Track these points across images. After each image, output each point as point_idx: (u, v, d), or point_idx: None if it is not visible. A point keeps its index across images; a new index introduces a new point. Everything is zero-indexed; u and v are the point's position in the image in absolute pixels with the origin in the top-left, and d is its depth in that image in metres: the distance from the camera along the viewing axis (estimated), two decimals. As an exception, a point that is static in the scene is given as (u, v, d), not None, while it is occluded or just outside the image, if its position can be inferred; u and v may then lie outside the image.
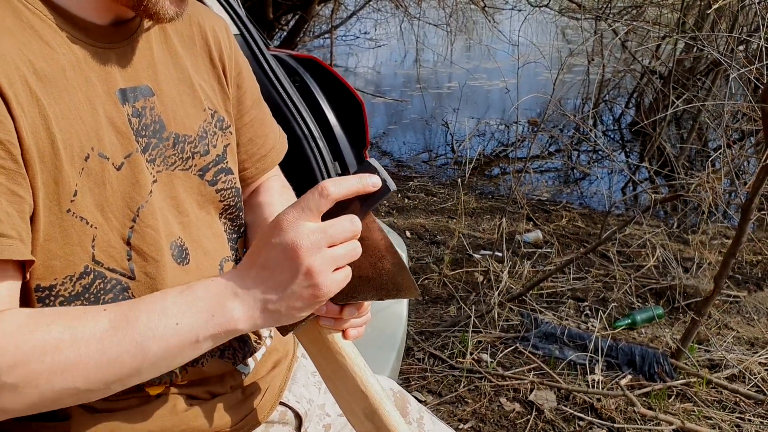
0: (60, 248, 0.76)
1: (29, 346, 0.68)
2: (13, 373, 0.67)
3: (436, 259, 3.53)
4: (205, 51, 0.97)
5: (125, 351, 0.71)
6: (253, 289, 0.74)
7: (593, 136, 4.64)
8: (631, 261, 3.53)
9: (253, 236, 1.04)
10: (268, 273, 0.74)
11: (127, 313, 0.73)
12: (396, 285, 0.81)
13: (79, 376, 0.70)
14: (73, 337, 0.69)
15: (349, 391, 0.87)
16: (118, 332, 0.71)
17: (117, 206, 0.80)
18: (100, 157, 0.78)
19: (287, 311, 0.75)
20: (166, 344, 0.73)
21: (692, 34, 4.15)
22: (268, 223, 0.75)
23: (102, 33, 0.82)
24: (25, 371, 0.67)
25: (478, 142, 6.04)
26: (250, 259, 0.76)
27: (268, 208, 1.05)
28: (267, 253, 0.74)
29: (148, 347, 0.72)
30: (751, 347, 2.77)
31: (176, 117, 0.89)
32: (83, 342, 0.70)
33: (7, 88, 0.70)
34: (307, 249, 0.72)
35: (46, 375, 0.68)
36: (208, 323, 0.74)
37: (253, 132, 1.06)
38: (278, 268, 0.73)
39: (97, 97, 0.80)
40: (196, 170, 0.92)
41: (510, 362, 2.63)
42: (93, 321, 0.71)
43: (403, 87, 8.31)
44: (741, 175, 4.39)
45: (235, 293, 0.75)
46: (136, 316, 0.72)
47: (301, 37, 7.19)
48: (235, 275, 0.76)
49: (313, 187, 0.73)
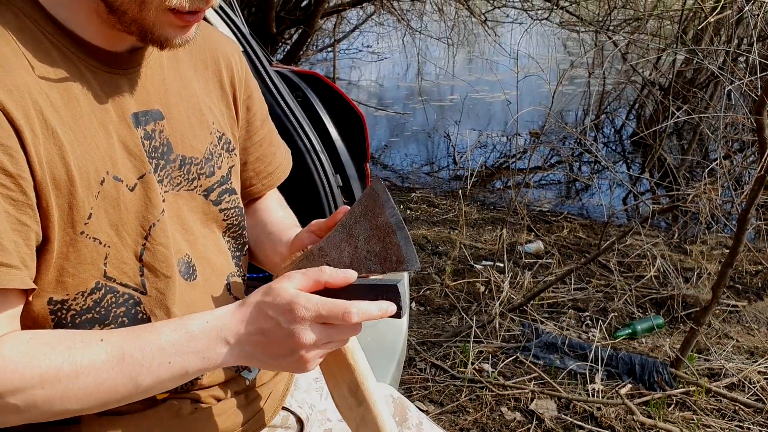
0: (72, 267, 0.81)
1: (30, 373, 0.73)
2: (15, 396, 0.73)
3: (437, 269, 3.56)
4: (216, 76, 1.01)
5: (120, 383, 0.76)
6: (246, 346, 0.79)
7: (593, 149, 4.67)
8: (632, 271, 3.55)
9: (256, 236, 1.09)
10: (265, 341, 0.78)
11: (123, 347, 0.77)
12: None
13: (76, 402, 0.76)
14: (72, 368, 0.75)
15: (337, 364, 0.91)
16: (114, 366, 0.76)
17: (131, 225, 0.84)
18: (115, 180, 0.82)
19: (267, 368, 0.87)
20: (157, 378, 0.78)
21: (690, 48, 4.19)
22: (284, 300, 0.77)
23: (116, 60, 0.85)
24: (25, 396, 0.73)
25: (479, 154, 6.07)
26: (254, 316, 0.79)
27: (270, 213, 1.11)
28: (271, 326, 0.77)
29: (142, 380, 0.77)
30: (751, 356, 2.79)
31: (184, 139, 0.93)
32: (81, 373, 0.75)
33: (22, 124, 0.74)
34: (307, 345, 0.77)
35: (46, 400, 0.74)
36: (198, 362, 0.79)
37: (261, 151, 1.10)
38: (276, 344, 0.78)
39: (111, 122, 0.83)
40: (201, 190, 0.96)
41: (511, 372, 2.65)
42: (91, 352, 0.76)
43: (406, 100, 8.36)
44: (743, 185, 4.41)
45: (227, 341, 0.79)
46: (131, 352, 0.77)
47: (304, 51, 7.26)
48: (232, 323, 0.79)
49: (341, 305, 0.77)
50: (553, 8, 5.94)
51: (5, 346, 0.74)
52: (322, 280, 0.79)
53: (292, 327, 0.76)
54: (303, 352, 0.77)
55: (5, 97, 0.73)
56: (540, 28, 6.54)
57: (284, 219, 1.10)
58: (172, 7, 0.77)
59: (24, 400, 0.73)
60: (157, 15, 0.78)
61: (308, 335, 0.76)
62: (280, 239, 1.03)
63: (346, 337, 0.80)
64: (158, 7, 0.77)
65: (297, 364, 0.79)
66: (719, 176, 3.26)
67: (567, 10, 6.13)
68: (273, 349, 0.78)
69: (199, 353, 0.78)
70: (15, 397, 0.73)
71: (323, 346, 0.79)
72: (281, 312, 0.77)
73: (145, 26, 0.79)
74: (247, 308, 0.80)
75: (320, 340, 0.77)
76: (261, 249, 1.08)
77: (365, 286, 0.81)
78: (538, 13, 6.12)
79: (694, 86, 5.25)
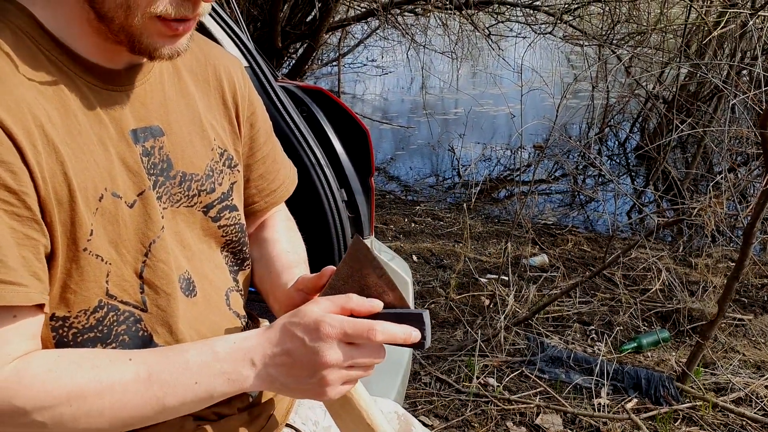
0: (75, 284, 0.80)
1: (58, 391, 0.74)
2: (42, 413, 0.73)
3: (442, 283, 3.56)
4: (218, 92, 1.01)
5: (146, 402, 0.77)
6: (270, 367, 0.80)
7: (598, 162, 4.68)
8: (637, 284, 3.54)
9: (260, 270, 1.07)
10: (289, 361, 0.79)
11: (150, 366, 0.78)
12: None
13: (102, 421, 0.76)
14: (98, 386, 0.75)
15: (354, 422, 0.91)
16: (141, 385, 0.77)
17: (130, 242, 0.84)
18: (114, 197, 0.82)
19: (288, 393, 0.83)
20: (183, 399, 0.79)
21: (694, 61, 4.20)
22: (310, 319, 0.79)
23: (115, 77, 0.85)
24: (53, 413, 0.74)
25: (484, 167, 6.08)
26: (279, 338, 0.80)
27: (275, 246, 1.09)
28: (296, 346, 0.79)
29: (168, 402, 0.78)
30: (758, 370, 2.77)
31: (184, 156, 0.93)
32: (107, 391, 0.76)
33: (23, 140, 0.74)
34: (330, 364, 0.78)
35: (72, 418, 0.75)
36: (223, 385, 0.80)
37: (265, 168, 1.10)
38: (299, 364, 0.79)
39: (109, 138, 0.83)
40: (201, 207, 0.95)
41: (516, 386, 2.64)
42: (118, 371, 0.77)
43: (410, 113, 8.39)
44: (748, 198, 4.41)
45: (253, 363, 0.80)
46: (158, 371, 0.78)
47: (309, 65, 7.29)
48: (258, 345, 0.81)
49: (366, 322, 0.79)
50: (557, 22, 5.96)
51: (32, 363, 0.74)
52: (348, 307, 0.81)
53: (317, 345, 0.78)
54: (325, 372, 0.78)
55: (5, 114, 0.73)
56: (543, 42, 6.58)
57: (286, 254, 1.08)
58: (158, 14, 0.77)
59: (50, 417, 0.74)
60: (144, 22, 0.78)
61: (332, 353, 0.78)
62: (278, 284, 1.02)
63: (370, 362, 0.81)
64: (144, 13, 0.77)
65: (318, 387, 0.79)
66: (724, 189, 3.26)
67: (570, 25, 6.16)
68: (296, 370, 0.79)
69: (225, 374, 0.79)
70: (41, 414, 0.73)
71: (347, 369, 0.79)
72: (307, 331, 0.78)
73: (133, 34, 0.79)
74: (274, 330, 0.81)
75: (344, 361, 0.78)
76: (263, 287, 1.07)
77: (391, 314, 0.83)
78: (542, 27, 6.15)
79: (697, 100, 5.26)
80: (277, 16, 6.05)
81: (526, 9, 6.10)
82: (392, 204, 5.09)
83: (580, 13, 6.02)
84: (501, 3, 6.15)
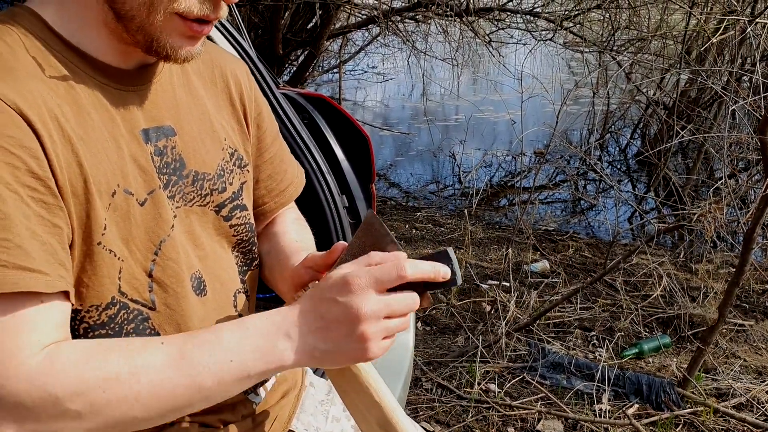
0: (89, 278, 0.80)
1: (90, 375, 0.72)
2: (76, 401, 0.71)
3: (443, 289, 3.55)
4: (226, 93, 1.02)
5: (180, 383, 0.74)
6: (307, 336, 0.78)
7: (598, 168, 4.69)
8: (638, 290, 3.54)
9: (270, 261, 1.07)
10: (324, 324, 0.77)
11: (182, 347, 0.76)
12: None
13: (138, 407, 0.73)
14: (132, 370, 0.73)
15: (364, 403, 0.90)
16: (173, 364, 0.74)
17: (140, 240, 0.84)
18: (126, 194, 0.83)
19: (330, 361, 0.79)
20: (219, 379, 0.76)
21: (694, 68, 4.21)
22: (337, 276, 0.78)
23: (126, 77, 0.86)
24: (87, 400, 0.71)
25: (484, 173, 6.09)
26: (310, 305, 0.79)
27: (283, 237, 1.09)
28: (329, 306, 0.77)
29: (203, 381, 0.75)
30: (759, 376, 2.77)
31: (196, 155, 0.93)
32: (140, 374, 0.73)
33: (40, 127, 0.74)
34: (367, 316, 0.75)
35: (107, 404, 0.72)
36: (259, 361, 0.77)
37: (273, 168, 1.11)
38: (335, 324, 0.76)
39: (121, 136, 0.84)
40: (213, 206, 0.96)
41: (518, 392, 2.64)
42: (150, 354, 0.74)
43: (411, 120, 8.41)
44: (748, 204, 4.41)
45: (288, 335, 0.78)
46: (191, 351, 0.75)
47: (310, 71, 7.31)
48: (290, 316, 0.79)
49: (392, 261, 0.78)
50: (557, 29, 5.98)
51: (63, 351, 0.72)
52: (373, 261, 0.79)
53: (349, 299, 0.76)
54: (364, 326, 0.75)
55: (22, 102, 0.73)
56: (544, 48, 6.60)
57: (295, 242, 1.08)
58: (179, 11, 0.78)
59: (84, 404, 0.71)
60: (165, 20, 0.78)
61: (367, 303, 0.75)
62: (287, 265, 1.01)
63: (406, 308, 0.78)
64: (167, 9, 0.77)
65: (359, 345, 0.76)
66: (724, 195, 3.27)
67: (571, 31, 6.17)
68: (333, 332, 0.77)
69: (259, 350, 0.77)
70: (75, 402, 0.71)
71: (384, 326, 0.77)
72: (337, 289, 0.77)
73: (152, 33, 0.79)
74: (303, 300, 0.80)
75: (380, 310, 0.76)
76: (272, 275, 1.06)
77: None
78: (542, 33, 6.16)
79: (698, 106, 5.27)
80: (278, 24, 6.07)
81: (527, 16, 6.11)
82: (393, 210, 5.10)
83: (580, 19, 6.04)
84: (501, 10, 6.17)
